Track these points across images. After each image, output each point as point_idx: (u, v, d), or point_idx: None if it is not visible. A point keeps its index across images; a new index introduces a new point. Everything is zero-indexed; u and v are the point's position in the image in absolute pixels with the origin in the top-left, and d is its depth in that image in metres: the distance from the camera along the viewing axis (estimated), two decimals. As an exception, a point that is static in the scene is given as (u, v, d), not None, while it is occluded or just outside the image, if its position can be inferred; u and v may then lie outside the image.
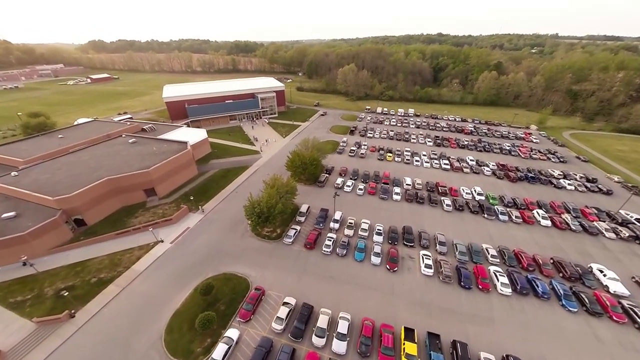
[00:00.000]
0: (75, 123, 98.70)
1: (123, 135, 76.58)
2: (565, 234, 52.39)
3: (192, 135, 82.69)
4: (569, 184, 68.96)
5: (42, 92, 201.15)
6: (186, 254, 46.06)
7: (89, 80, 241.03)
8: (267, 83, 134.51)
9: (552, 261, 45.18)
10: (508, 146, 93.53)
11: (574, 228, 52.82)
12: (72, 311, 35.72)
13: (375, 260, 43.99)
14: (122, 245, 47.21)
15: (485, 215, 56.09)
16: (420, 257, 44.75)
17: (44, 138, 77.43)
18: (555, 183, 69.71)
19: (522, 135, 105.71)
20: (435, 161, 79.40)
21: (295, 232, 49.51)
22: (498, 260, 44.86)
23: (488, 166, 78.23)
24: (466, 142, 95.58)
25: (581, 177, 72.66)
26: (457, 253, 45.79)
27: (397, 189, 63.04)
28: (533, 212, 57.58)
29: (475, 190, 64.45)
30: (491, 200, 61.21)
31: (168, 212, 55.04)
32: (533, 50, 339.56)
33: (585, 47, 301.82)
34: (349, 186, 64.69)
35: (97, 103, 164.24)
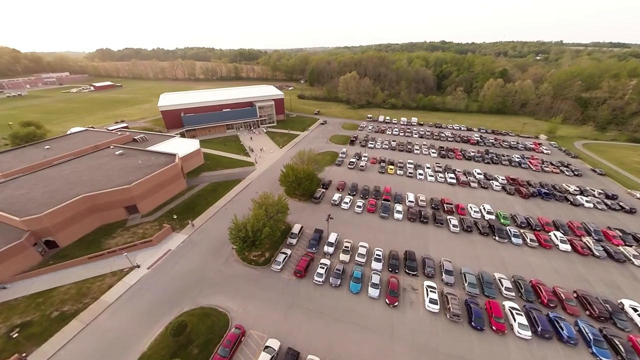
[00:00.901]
0: (68, 132, 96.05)
1: (111, 147, 73.23)
2: (588, 261, 46.73)
3: (184, 146, 79.12)
4: (586, 201, 63.31)
5: (45, 99, 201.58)
6: (163, 282, 41.47)
7: (92, 88, 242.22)
8: (266, 91, 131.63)
9: (575, 295, 39.58)
10: (517, 158, 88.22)
11: (597, 254, 47.15)
12: (24, 355, 31.19)
13: (373, 292, 38.87)
14: (94, 271, 42.84)
15: (497, 238, 50.70)
16: (424, 289, 39.53)
17: (30, 149, 74.39)
18: (572, 200, 64.07)
19: (532, 146, 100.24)
20: (440, 174, 74.32)
21: (285, 257, 44.71)
22: (513, 293, 39.41)
23: (497, 180, 72.95)
24: (472, 153, 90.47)
25: (600, 193, 66.93)
26: (466, 284, 40.46)
27: (398, 207, 58.06)
28: (550, 234, 52.07)
29: (484, 208, 59.16)
30: (502, 220, 55.82)
31: (149, 232, 50.75)
32: (538, 58, 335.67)
33: (591, 54, 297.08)
34: (346, 203, 59.89)
35: (97, 111, 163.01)
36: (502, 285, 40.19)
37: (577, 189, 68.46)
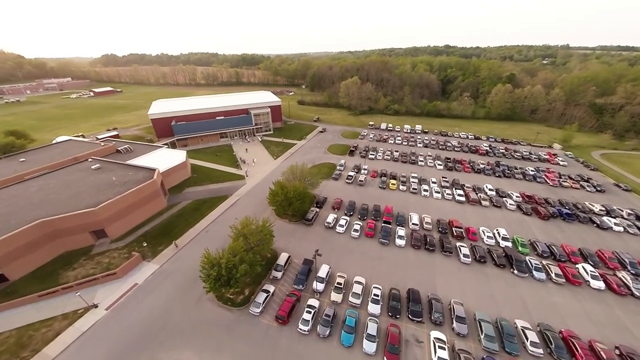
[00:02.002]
0: (54, 142, 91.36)
1: (89, 160, 67.84)
2: (627, 303, 39.32)
3: (170, 158, 73.58)
4: (615, 224, 55.78)
5: (43, 105, 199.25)
6: (120, 328, 35.13)
7: (91, 94, 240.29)
8: (262, 97, 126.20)
9: (618, 353, 32.28)
10: (532, 170, 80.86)
11: (637, 294, 39.76)
12: None
13: (369, 347, 32.02)
14: (44, 312, 36.74)
15: (515, 272, 43.53)
16: (432, 343, 32.59)
17: (3, 162, 69.30)
18: (598, 222, 56.53)
19: (546, 157, 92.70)
20: (447, 191, 67.28)
21: (267, 297, 38.15)
22: (541, 350, 32.23)
23: (511, 197, 65.79)
24: (482, 166, 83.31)
25: (629, 214, 59.27)
26: (482, 337, 33.38)
27: (401, 231, 51.22)
28: (577, 266, 44.77)
29: (498, 233, 52.02)
30: (520, 248, 48.63)
31: (116, 262, 44.65)
32: (544, 62, 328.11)
33: (600, 58, 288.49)
34: (342, 226, 53.19)
35: (92, 117, 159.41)
36: (527, 339, 33.01)
37: (603, 208, 60.91)
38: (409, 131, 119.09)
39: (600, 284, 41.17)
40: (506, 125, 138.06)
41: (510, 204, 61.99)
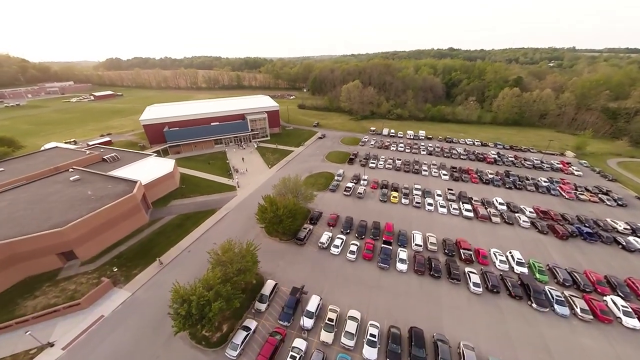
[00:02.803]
0: (42, 149, 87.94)
1: (70, 170, 63.79)
2: (668, 347, 33.53)
3: (158, 167, 69.36)
4: (643, 245, 49.91)
5: (42, 109, 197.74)
6: (76, 374, 30.39)
7: (92, 98, 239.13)
8: (259, 102, 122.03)
9: (666, 418, 26.60)
10: (545, 181, 75.04)
11: (680, 336, 33.99)
12: None
13: (363, 406, 26.81)
14: (-8, 352, 32.13)
15: (534, 305, 37.94)
16: (438, 401, 27.23)
17: (-20, 172, 65.59)
18: (624, 243, 50.62)
19: (559, 165, 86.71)
20: (454, 205, 61.78)
21: (247, 336, 33.09)
22: (572, 413, 26.73)
23: (524, 213, 60.15)
24: (491, 176, 77.69)
25: (658, 234, 53.32)
26: (499, 393, 27.96)
27: (402, 253, 45.90)
28: (605, 298, 39.08)
29: (512, 256, 46.47)
30: (538, 275, 43.02)
31: (83, 289, 40.05)
32: (551, 64, 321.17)
33: (608, 60, 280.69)
34: (337, 246, 48.05)
35: (89, 122, 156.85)
36: (553, 397, 27.52)
37: (628, 227, 54.96)
38: (412, 137, 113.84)
39: (635, 322, 35.42)
40: (514, 131, 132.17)
41: (523, 221, 56.28)
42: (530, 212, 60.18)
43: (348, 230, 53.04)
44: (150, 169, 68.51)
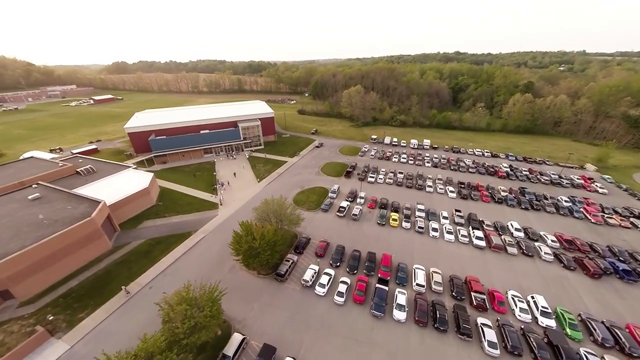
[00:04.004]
0: (21, 157, 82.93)
1: (34, 186, 57.67)
2: None
3: (135, 182, 63.08)
4: (695, 289, 41.19)
5: (39, 114, 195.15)
6: None
7: (91, 102, 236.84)
8: (254, 109, 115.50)
9: None
10: (566, 201, 66.51)
11: None
12: None
13: None
14: None
15: (568, 376, 29.81)
16: None
17: (-61, 187, 59.90)
18: (670, 285, 42.05)
19: (580, 181, 77.89)
20: (462, 230, 53.62)
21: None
22: None
23: (545, 241, 51.82)
24: (504, 194, 69.39)
25: None
26: None
27: (401, 296, 38.17)
28: (659, 368, 30.68)
29: (535, 303, 38.29)
30: (569, 331, 34.76)
31: (13, 340, 33.16)
32: (561, 68, 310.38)
33: (621, 64, 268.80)
34: (323, 285, 40.46)
35: (83, 127, 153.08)
36: None
37: (672, 263, 46.28)
38: (415, 147, 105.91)
39: None
40: (526, 140, 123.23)
41: (545, 253, 47.92)
42: (552, 240, 51.76)
43: (338, 263, 45.42)
44: (125, 184, 62.16)
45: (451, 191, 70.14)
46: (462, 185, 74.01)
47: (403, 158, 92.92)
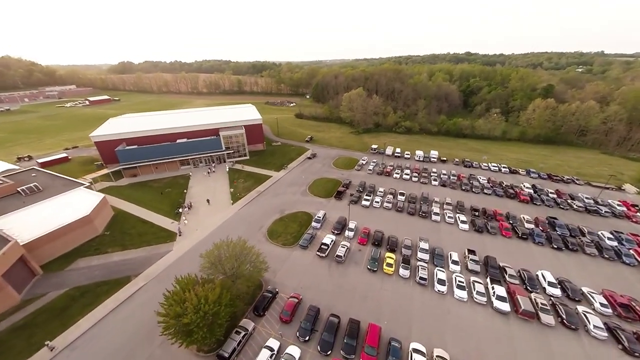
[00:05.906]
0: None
1: (-50, 212, 47.62)
2: None
3: (82, 205, 52.66)
4: None
5: (30, 115, 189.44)
6: None
7: (87, 102, 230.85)
8: (240, 114, 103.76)
9: None
10: (609, 238, 52.73)
11: None
12: None
13: None
14: None
15: None
16: None
17: None
18: None
19: (622, 208, 63.77)
20: (478, 285, 40.85)
21: None
22: None
23: (592, 304, 38.60)
24: (529, 226, 56.10)
25: None
26: None
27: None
28: None
29: None
30: None
31: None
32: (579, 69, 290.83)
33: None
34: (280, 380, 28.60)
35: (67, 131, 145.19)
36: None
37: None
38: (421, 159, 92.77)
39: None
40: (548, 151, 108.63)
41: (595, 326, 34.78)
42: (601, 303, 38.49)
43: (307, 337, 33.31)
44: (66, 208, 51.68)
45: (462, 221, 57.14)
46: (476, 213, 60.98)
47: (406, 174, 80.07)
